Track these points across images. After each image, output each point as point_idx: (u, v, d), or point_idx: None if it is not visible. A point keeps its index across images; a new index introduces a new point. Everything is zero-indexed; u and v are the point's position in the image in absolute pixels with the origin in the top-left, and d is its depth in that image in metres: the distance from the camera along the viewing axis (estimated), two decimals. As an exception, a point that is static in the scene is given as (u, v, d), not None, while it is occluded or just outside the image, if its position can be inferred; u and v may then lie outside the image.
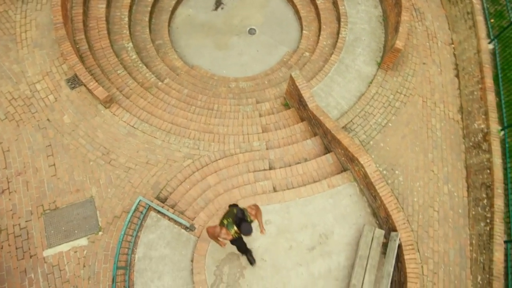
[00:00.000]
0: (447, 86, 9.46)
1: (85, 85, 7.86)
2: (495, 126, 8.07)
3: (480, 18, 9.42)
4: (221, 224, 5.24)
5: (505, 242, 6.98)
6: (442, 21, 10.60)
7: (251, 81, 9.79)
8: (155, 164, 7.54)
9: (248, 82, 9.72)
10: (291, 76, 7.98)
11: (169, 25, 10.68)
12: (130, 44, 9.38)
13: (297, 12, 11.14)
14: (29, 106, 7.82)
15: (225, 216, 5.29)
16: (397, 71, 9.45)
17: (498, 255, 6.77)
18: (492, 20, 9.39)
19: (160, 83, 9.02)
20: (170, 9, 10.74)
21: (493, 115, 8.20)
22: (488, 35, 9.25)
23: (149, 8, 10.33)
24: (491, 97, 8.40)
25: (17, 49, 8.53)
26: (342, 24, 10.04)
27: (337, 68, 9.32)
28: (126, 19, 9.76)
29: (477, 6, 9.57)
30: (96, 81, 7.89)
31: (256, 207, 5.44)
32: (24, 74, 8.16)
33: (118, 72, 8.70)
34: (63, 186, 7.23)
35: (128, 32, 9.57)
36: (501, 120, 8.23)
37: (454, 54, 9.99)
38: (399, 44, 8.65)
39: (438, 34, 10.33)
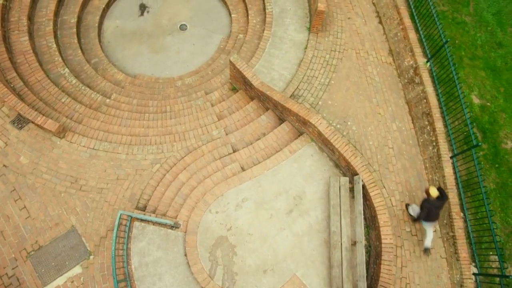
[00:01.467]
0: (374, 34, 10.18)
1: (32, 122, 7.81)
2: (421, 60, 8.89)
3: (387, -35, 10.12)
4: None
5: (451, 157, 7.90)
6: (356, -24, 11.24)
7: (195, 75, 10.04)
8: (125, 178, 7.74)
9: (192, 77, 9.95)
10: (230, 61, 8.34)
11: (100, 41, 10.59)
12: (66, 70, 9.30)
13: (221, -2, 11.39)
14: (-19, 158, 7.70)
15: None
16: (327, 31, 10.03)
17: (448, 170, 7.67)
18: (397, -36, 10.09)
19: (108, 100, 9.07)
20: (96, 25, 10.62)
21: (417, 50, 9.01)
22: (397, -21, 9.97)
23: (74, 30, 10.18)
24: (412, 35, 9.19)
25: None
26: (266, -1, 10.43)
27: (272, 42, 9.76)
28: (54, 45, 9.60)
29: (382, -46, 10.25)
30: (43, 115, 7.87)
31: None
32: (-34, 127, 7.97)
33: (63, 100, 8.66)
34: (41, 225, 7.29)
35: (60, 59, 9.44)
36: (425, 53, 9.07)
37: (373, 3, 10.69)
38: (321, 6, 9.18)
39: (356, -9, 10.97)
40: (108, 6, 11.10)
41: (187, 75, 10.17)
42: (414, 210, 7.50)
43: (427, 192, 6.94)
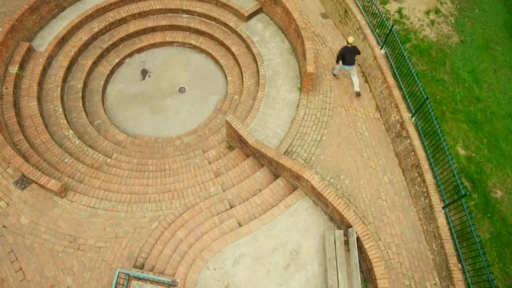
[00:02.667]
0: (361, 92, 10.89)
1: (35, 182, 8.07)
2: (406, 115, 9.46)
3: (368, 31, 11.13)
4: None
5: (443, 207, 8.10)
6: (340, 40, 12.29)
7: (193, 134, 10.54)
8: (124, 236, 7.83)
9: (190, 136, 10.44)
10: (227, 121, 8.86)
11: (103, 104, 11.23)
12: (71, 132, 9.77)
13: (217, 62, 12.29)
14: (-18, 219, 7.82)
15: None
16: (317, 91, 10.75)
17: (441, 221, 7.83)
18: (377, 30, 11.14)
19: (109, 160, 9.43)
20: (101, 89, 11.35)
21: (402, 106, 9.62)
22: (378, 43, 10.93)
23: (80, 94, 10.86)
24: (396, 92, 9.86)
25: (-44, 167, 8.57)
26: (259, 63, 11.29)
27: (265, 102, 10.40)
28: (60, 109, 10.19)
29: (363, 22, 11.31)
30: (46, 175, 8.15)
31: None
32: (-30, 189, 8.20)
33: (66, 160, 9.01)
34: (36, 287, 7.22)
35: (65, 121, 9.98)
36: (409, 109, 9.68)
37: (359, 64, 11.57)
38: (310, 68, 9.96)
39: (341, 51, 11.94)
40: (112, 72, 11.94)
41: (186, 134, 10.67)
42: (335, 68, 10.61)
43: (346, 41, 9.91)
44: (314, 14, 12.95)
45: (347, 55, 9.90)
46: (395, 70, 10.32)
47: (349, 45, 9.96)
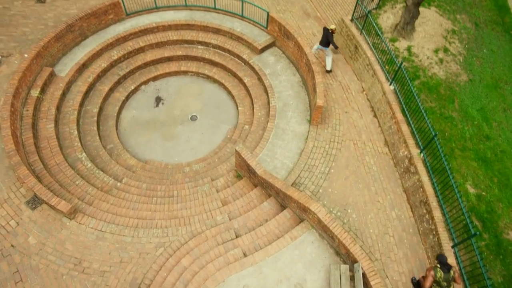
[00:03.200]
0: (370, 126, 11.02)
1: (46, 203, 8.22)
2: (414, 151, 9.51)
3: (377, 67, 11.41)
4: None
5: (452, 247, 7.95)
6: (350, 75, 12.59)
7: (203, 162, 10.69)
8: (129, 261, 7.83)
9: (200, 163, 10.60)
10: (236, 150, 9.01)
11: (117, 129, 11.54)
12: (84, 154, 10.02)
13: (229, 93, 12.64)
14: (-10, 237, 7.93)
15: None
16: (326, 124, 10.91)
17: (451, 261, 7.67)
18: (386, 67, 11.41)
19: (119, 183, 9.58)
20: (115, 114, 11.71)
21: (411, 142, 9.69)
22: (387, 79, 11.16)
23: (95, 118, 11.21)
24: (405, 127, 9.97)
25: (-29, 185, 8.80)
26: (270, 95, 11.58)
27: (275, 133, 10.57)
28: (76, 132, 10.50)
29: (372, 59, 11.62)
30: (57, 196, 8.31)
31: None
32: (-17, 207, 8.37)
33: (77, 182, 9.19)
34: (39, 309, 7.20)
35: (79, 144, 10.25)
36: (418, 145, 9.73)
37: (368, 99, 11.77)
38: (319, 102, 10.18)
39: (351, 85, 12.20)
40: (127, 98, 12.35)
41: (195, 162, 10.83)
42: (313, 47, 12.41)
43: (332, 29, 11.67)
44: (325, 49, 13.34)
45: (323, 37, 11.91)
46: (403, 106, 10.47)
47: (329, 30, 11.78)
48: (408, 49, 12.59)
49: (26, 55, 10.96)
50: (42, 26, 12.89)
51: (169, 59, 13.06)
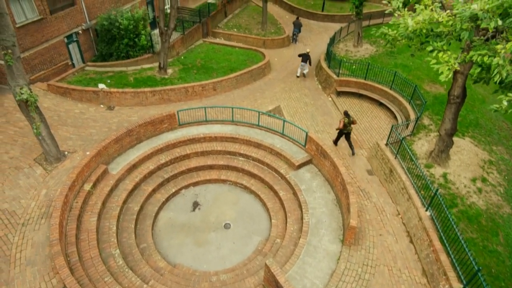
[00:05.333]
0: (406, 253, 10.59)
1: (73, 298, 8.25)
2: (457, 285, 8.84)
3: (412, 192, 11.50)
4: None
5: None
6: (385, 197, 12.67)
7: (231, 272, 10.49)
8: None
9: (228, 274, 10.39)
10: (266, 264, 8.89)
11: (152, 229, 11.93)
12: (117, 251, 10.27)
13: (264, 204, 12.99)
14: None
15: None
16: (359, 245, 10.65)
17: None
18: (422, 192, 11.45)
19: (145, 285, 9.50)
20: (153, 214, 12.24)
21: (451, 275, 9.09)
22: (423, 204, 11.09)
23: (134, 216, 11.77)
24: (444, 257, 9.47)
25: (9, 269, 9.16)
26: (304, 210, 11.75)
27: (306, 250, 10.40)
28: (114, 228, 10.98)
29: (407, 183, 11.80)
30: (84, 291, 8.36)
31: None
32: (14, 294, 8.54)
33: (105, 279, 9.25)
34: None
35: (115, 240, 10.61)
36: (459, 279, 9.07)
37: (403, 223, 11.56)
38: (353, 222, 10.17)
39: (385, 208, 12.18)
40: (167, 200, 13.03)
41: (223, 271, 10.64)
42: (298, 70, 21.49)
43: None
44: (360, 170, 13.82)
45: (303, 57, 20.85)
46: (441, 234, 10.14)
47: (307, 53, 20.78)
48: (444, 176, 12.73)
49: (88, 153, 12.35)
50: (106, 129, 14.75)
51: (211, 167, 14.04)
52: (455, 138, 13.76)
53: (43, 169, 12.29)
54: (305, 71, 21.29)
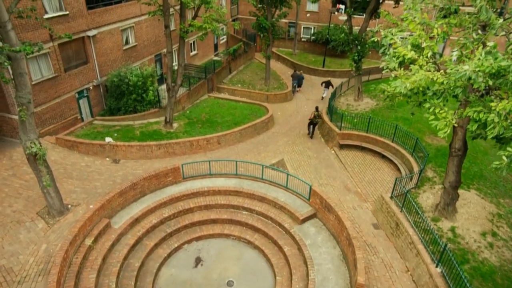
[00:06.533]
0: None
1: None
2: None
3: (421, 247, 11.16)
4: None
5: None
6: (393, 252, 12.29)
7: (234, 334, 9.93)
8: None
9: (230, 336, 9.84)
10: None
11: (153, 287, 11.48)
12: (115, 311, 9.84)
13: (268, 260, 12.60)
14: None
15: None
16: (369, 305, 10.15)
17: None
18: (430, 247, 11.11)
19: None
20: (155, 271, 11.86)
21: None
22: (433, 260, 10.70)
23: (135, 273, 11.40)
24: (459, 320, 8.96)
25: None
26: (309, 267, 11.37)
27: (313, 310, 9.92)
28: (114, 285, 10.60)
29: (415, 237, 11.50)
30: None
31: None
32: None
33: None
34: None
35: (114, 298, 10.21)
36: None
37: (413, 281, 11.09)
38: (360, 280, 9.79)
39: (394, 264, 11.76)
40: (169, 255, 12.70)
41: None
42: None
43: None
44: (366, 224, 13.57)
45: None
46: (454, 294, 9.68)
47: (328, 80, 26.76)
48: (452, 229, 12.44)
49: (91, 206, 12.32)
50: (111, 182, 14.84)
51: (214, 221, 13.86)
52: (460, 191, 13.65)
53: (45, 223, 12.20)
54: (323, 95, 27.19)
